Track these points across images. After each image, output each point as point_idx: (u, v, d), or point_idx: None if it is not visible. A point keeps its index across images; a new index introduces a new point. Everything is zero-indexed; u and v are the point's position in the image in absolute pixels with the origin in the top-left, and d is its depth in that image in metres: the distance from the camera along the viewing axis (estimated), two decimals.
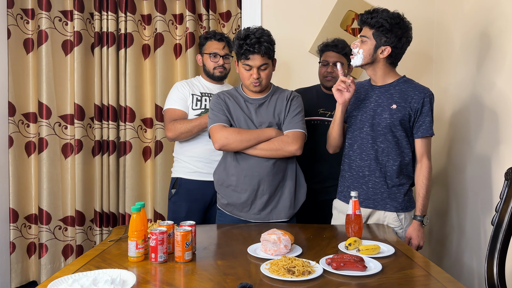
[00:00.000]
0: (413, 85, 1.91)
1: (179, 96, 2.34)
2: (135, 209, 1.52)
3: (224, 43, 2.38)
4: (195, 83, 2.41)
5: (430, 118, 1.87)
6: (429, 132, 1.87)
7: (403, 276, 1.35)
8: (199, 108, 2.34)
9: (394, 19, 1.84)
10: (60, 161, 2.76)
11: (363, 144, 1.95)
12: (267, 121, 2.02)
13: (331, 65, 2.33)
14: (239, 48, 1.94)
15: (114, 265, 1.44)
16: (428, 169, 1.89)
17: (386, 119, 1.89)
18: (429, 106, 1.86)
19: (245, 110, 2.04)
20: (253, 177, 1.99)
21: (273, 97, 2.06)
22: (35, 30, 2.71)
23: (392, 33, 1.84)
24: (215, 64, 2.36)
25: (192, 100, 2.34)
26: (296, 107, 2.03)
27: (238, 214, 2.05)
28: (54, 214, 2.74)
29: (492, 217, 1.49)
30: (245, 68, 1.97)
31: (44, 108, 2.70)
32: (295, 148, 1.96)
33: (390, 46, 1.86)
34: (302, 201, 2.08)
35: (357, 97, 2.01)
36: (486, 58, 2.09)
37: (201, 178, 2.32)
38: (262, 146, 1.97)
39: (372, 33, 1.86)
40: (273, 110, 2.03)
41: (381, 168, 1.91)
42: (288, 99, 2.04)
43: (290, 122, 2.00)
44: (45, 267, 2.73)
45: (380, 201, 1.92)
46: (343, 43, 2.36)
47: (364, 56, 1.89)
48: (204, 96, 2.37)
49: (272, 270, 1.34)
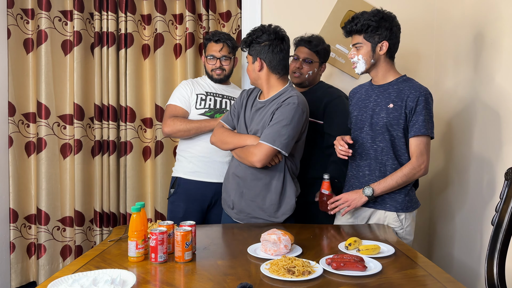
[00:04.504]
0: (411, 84, 1.90)
1: (182, 94, 2.33)
2: (135, 209, 1.52)
3: (222, 44, 2.32)
4: (200, 83, 2.40)
5: (423, 117, 1.83)
6: (421, 131, 1.83)
7: (403, 276, 1.35)
8: (203, 107, 2.32)
9: (376, 15, 1.87)
10: (59, 161, 2.75)
11: (363, 143, 1.95)
12: (255, 129, 1.98)
13: (300, 61, 2.28)
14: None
15: (114, 265, 1.44)
16: (411, 166, 1.85)
17: (383, 118, 1.89)
18: (423, 105, 1.83)
19: (247, 113, 2.04)
20: (234, 177, 2.03)
21: (271, 102, 1.97)
22: (35, 30, 2.71)
23: (381, 28, 1.86)
24: (212, 66, 2.34)
25: (196, 99, 2.33)
26: (277, 116, 1.88)
27: (227, 210, 2.09)
28: (53, 214, 2.74)
29: (492, 217, 1.49)
30: None
31: (43, 108, 2.69)
32: (254, 159, 1.88)
33: (386, 40, 1.87)
34: (287, 215, 1.97)
35: (358, 97, 2.03)
36: (486, 58, 2.09)
37: (200, 178, 2.31)
38: (236, 151, 2.00)
39: (363, 37, 1.88)
40: (262, 117, 1.96)
41: (380, 168, 1.92)
42: (278, 106, 1.90)
43: (264, 132, 1.89)
44: (44, 267, 2.73)
45: (380, 200, 1.92)
46: (318, 40, 2.31)
47: (366, 59, 1.89)
48: (210, 95, 2.36)
49: (272, 270, 1.34)
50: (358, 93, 2.04)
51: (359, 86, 2.09)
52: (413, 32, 2.62)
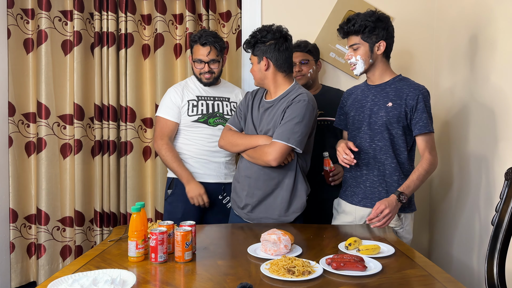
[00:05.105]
0: (408, 82, 1.93)
1: (171, 106, 2.31)
2: (135, 209, 1.52)
3: (209, 47, 2.24)
4: (190, 87, 2.36)
5: (426, 115, 1.87)
6: (427, 128, 1.87)
7: (403, 276, 1.35)
8: (195, 114, 2.31)
9: (372, 16, 1.89)
10: (59, 161, 2.75)
11: (361, 143, 1.96)
12: (265, 129, 2.00)
13: (298, 65, 2.36)
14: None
15: (114, 265, 1.44)
16: (428, 161, 1.87)
17: (382, 117, 1.90)
18: (423, 103, 1.87)
19: (255, 114, 2.06)
20: (246, 178, 2.04)
21: (280, 101, 1.99)
22: (35, 30, 2.71)
23: (378, 28, 1.88)
24: (200, 70, 2.29)
25: (188, 106, 2.31)
26: (289, 114, 1.90)
27: (237, 210, 2.10)
28: (53, 214, 2.74)
29: (492, 217, 1.49)
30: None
31: (43, 108, 2.69)
32: (269, 158, 1.90)
33: (383, 40, 1.90)
34: (297, 213, 1.99)
35: (354, 98, 2.04)
36: (486, 58, 2.09)
37: (198, 179, 2.30)
38: (248, 152, 2.01)
39: (360, 37, 1.90)
40: (272, 116, 1.99)
41: (379, 167, 1.92)
42: (288, 104, 1.92)
43: (277, 131, 1.92)
44: (43, 267, 2.73)
45: (378, 200, 1.92)
46: (305, 42, 2.43)
47: (364, 60, 1.91)
48: (201, 100, 2.33)
49: (272, 270, 1.34)
50: (353, 94, 2.06)
51: (353, 87, 2.11)
52: (412, 32, 2.62)
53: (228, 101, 2.41)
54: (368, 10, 1.92)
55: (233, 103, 2.42)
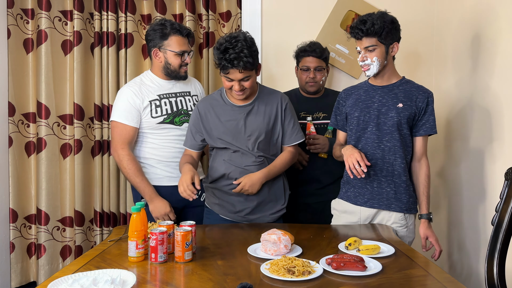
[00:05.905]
0: (416, 85, 1.97)
1: (129, 109, 2.12)
2: (135, 209, 1.52)
3: (188, 38, 2.18)
4: (148, 85, 2.20)
5: (434, 117, 1.93)
6: (434, 130, 1.93)
7: (403, 276, 1.35)
8: (160, 115, 2.16)
9: (386, 17, 1.86)
10: (59, 161, 2.75)
11: (368, 144, 1.95)
12: (258, 130, 1.99)
13: (312, 71, 2.32)
14: (218, 60, 1.84)
15: (114, 265, 1.44)
16: (429, 168, 1.96)
17: (393, 118, 1.91)
18: (432, 105, 1.93)
19: (233, 119, 1.99)
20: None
21: (261, 102, 2.01)
22: (35, 30, 2.70)
23: (393, 29, 1.88)
24: (183, 62, 2.16)
25: (151, 107, 2.14)
26: (291, 116, 2.07)
27: (226, 214, 2.06)
28: (53, 214, 2.74)
29: (492, 217, 1.49)
30: (226, 79, 1.89)
31: (43, 108, 2.69)
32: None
33: (397, 41, 1.91)
34: (282, 211, 2.09)
35: (356, 98, 2.01)
36: (486, 59, 2.09)
37: (172, 182, 2.13)
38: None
39: (377, 39, 1.86)
40: (262, 116, 1.99)
41: (388, 167, 1.93)
42: (281, 107, 2.03)
43: (294, 134, 2.06)
44: (43, 267, 2.73)
45: (385, 200, 1.93)
46: (320, 47, 2.36)
47: (380, 61, 1.89)
48: (163, 98, 2.18)
49: (272, 270, 1.34)
50: (354, 94, 2.03)
51: (351, 87, 2.09)
52: (413, 34, 2.62)
53: (190, 96, 2.29)
54: (378, 12, 1.88)
55: (194, 96, 2.31)
